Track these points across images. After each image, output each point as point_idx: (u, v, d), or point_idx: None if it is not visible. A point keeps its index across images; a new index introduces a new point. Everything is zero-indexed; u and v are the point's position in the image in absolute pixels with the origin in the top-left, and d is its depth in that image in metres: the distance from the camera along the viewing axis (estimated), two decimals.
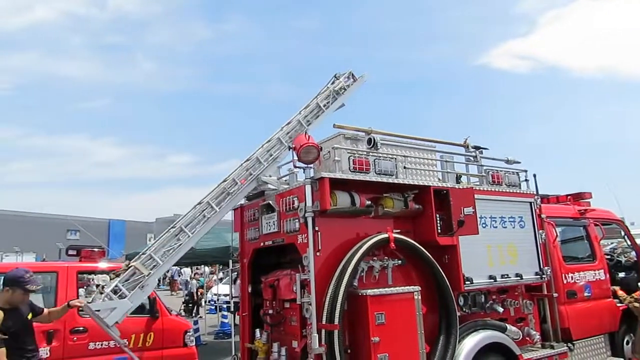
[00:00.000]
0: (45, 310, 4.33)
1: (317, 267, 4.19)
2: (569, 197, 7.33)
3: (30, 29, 66.96)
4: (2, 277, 3.99)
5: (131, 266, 4.52)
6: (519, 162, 6.26)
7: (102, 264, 6.61)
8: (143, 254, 4.74)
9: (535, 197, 6.06)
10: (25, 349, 3.96)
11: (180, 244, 4.77)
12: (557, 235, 6.36)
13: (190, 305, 17.72)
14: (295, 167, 4.77)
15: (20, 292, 3.92)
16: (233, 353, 5.86)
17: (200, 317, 15.19)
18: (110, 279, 4.51)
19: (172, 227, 4.94)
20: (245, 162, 5.20)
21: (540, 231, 5.93)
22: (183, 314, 16.56)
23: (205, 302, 16.09)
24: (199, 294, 18.02)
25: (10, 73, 66.20)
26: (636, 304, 6.38)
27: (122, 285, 4.39)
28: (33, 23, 67.00)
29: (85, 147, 70.41)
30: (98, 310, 4.25)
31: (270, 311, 4.96)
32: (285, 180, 5.25)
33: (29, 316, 4.09)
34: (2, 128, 65.41)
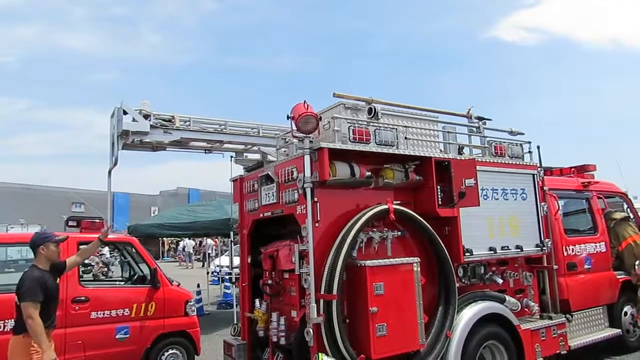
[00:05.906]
0: (68, 260, 4.41)
1: (316, 238, 4.17)
2: (572, 169, 7.26)
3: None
4: (29, 245, 4.14)
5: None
6: (523, 134, 6.16)
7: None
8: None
9: (538, 169, 5.98)
10: (51, 315, 4.09)
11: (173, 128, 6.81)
12: (559, 208, 6.32)
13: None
14: (294, 137, 4.69)
15: (53, 245, 4.15)
16: (234, 322, 5.93)
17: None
18: None
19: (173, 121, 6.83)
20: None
21: (542, 203, 5.88)
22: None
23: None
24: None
25: (14, 45, 65.48)
26: None
27: None
28: None
29: (90, 120, 70.22)
30: None
31: (270, 281, 4.98)
32: (285, 151, 5.18)
33: (57, 280, 4.22)
34: (7, 101, 64.99)
